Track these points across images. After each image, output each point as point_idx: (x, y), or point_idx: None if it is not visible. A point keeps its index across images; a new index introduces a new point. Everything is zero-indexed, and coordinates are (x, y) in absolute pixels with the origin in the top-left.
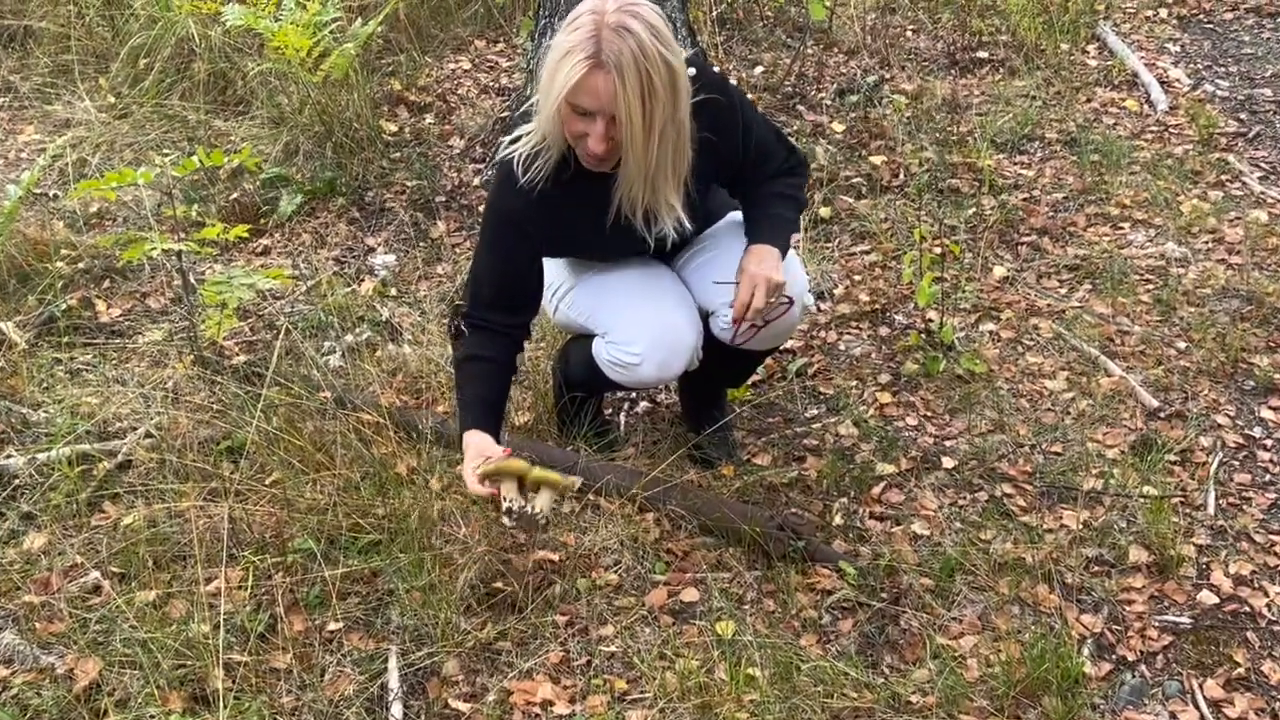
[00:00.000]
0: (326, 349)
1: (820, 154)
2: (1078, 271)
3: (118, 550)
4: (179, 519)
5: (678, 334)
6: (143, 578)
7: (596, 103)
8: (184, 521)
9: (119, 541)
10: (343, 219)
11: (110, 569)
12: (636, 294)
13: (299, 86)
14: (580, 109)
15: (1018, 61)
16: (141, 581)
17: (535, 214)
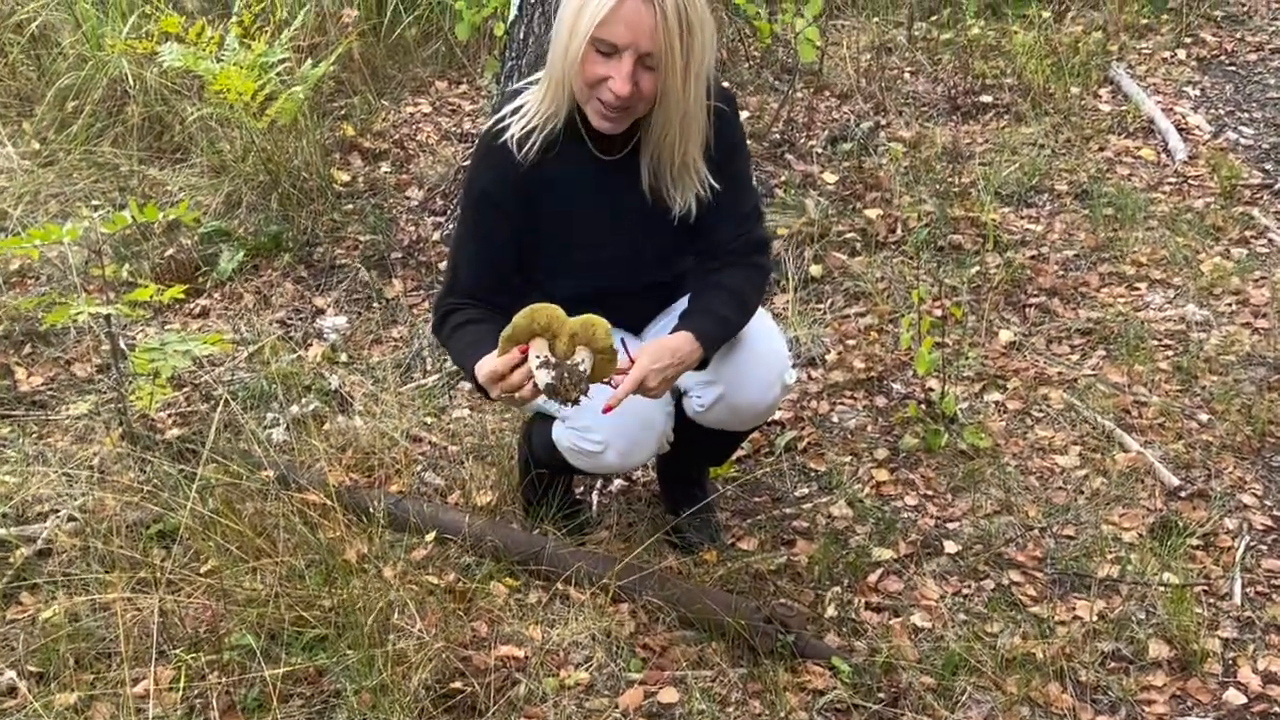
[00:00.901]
0: (269, 422)
1: (810, 207)
2: (1091, 336)
3: (36, 647)
4: (104, 612)
5: (643, 418)
6: (63, 678)
7: (629, 35)
8: (109, 615)
9: (37, 637)
10: (289, 278)
11: (27, 668)
12: None
13: (242, 132)
14: (608, 44)
15: (1024, 107)
16: (62, 682)
17: (521, 186)
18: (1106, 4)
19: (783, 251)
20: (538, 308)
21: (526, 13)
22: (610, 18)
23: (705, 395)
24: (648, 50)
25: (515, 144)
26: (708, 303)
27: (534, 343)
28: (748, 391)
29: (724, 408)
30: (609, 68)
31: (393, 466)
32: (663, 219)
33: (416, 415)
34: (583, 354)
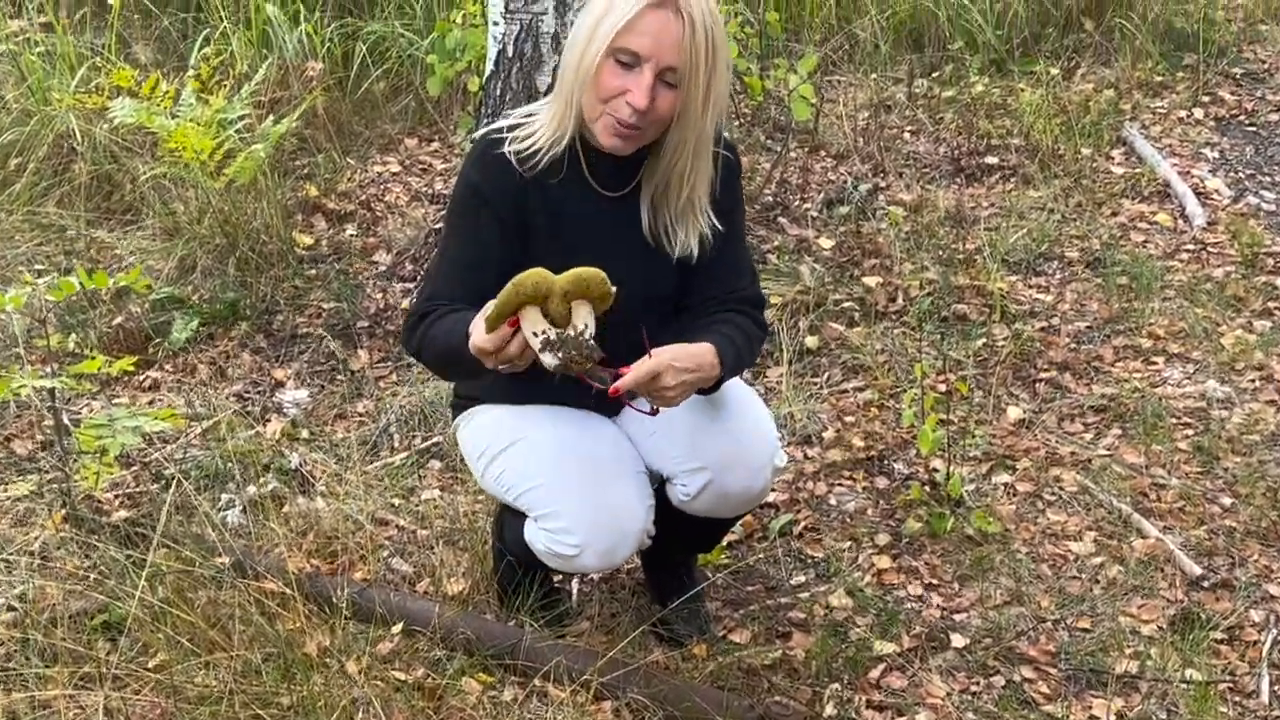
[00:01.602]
0: (224, 503)
1: (806, 274)
2: (1105, 414)
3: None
4: (45, 710)
5: (622, 517)
6: None
7: (653, 46)
8: (50, 713)
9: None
10: (246, 348)
11: None
12: (572, 465)
13: (198, 192)
14: (629, 53)
15: (1032, 168)
16: None
17: (518, 194)
18: (1118, 60)
19: (777, 321)
20: (521, 276)
21: (504, 68)
22: (635, 25)
23: (691, 483)
24: (670, 64)
25: (513, 154)
26: (720, 329)
27: (524, 314)
28: (737, 477)
29: (712, 495)
30: (627, 80)
31: (357, 552)
32: (662, 264)
33: (383, 496)
34: (582, 313)
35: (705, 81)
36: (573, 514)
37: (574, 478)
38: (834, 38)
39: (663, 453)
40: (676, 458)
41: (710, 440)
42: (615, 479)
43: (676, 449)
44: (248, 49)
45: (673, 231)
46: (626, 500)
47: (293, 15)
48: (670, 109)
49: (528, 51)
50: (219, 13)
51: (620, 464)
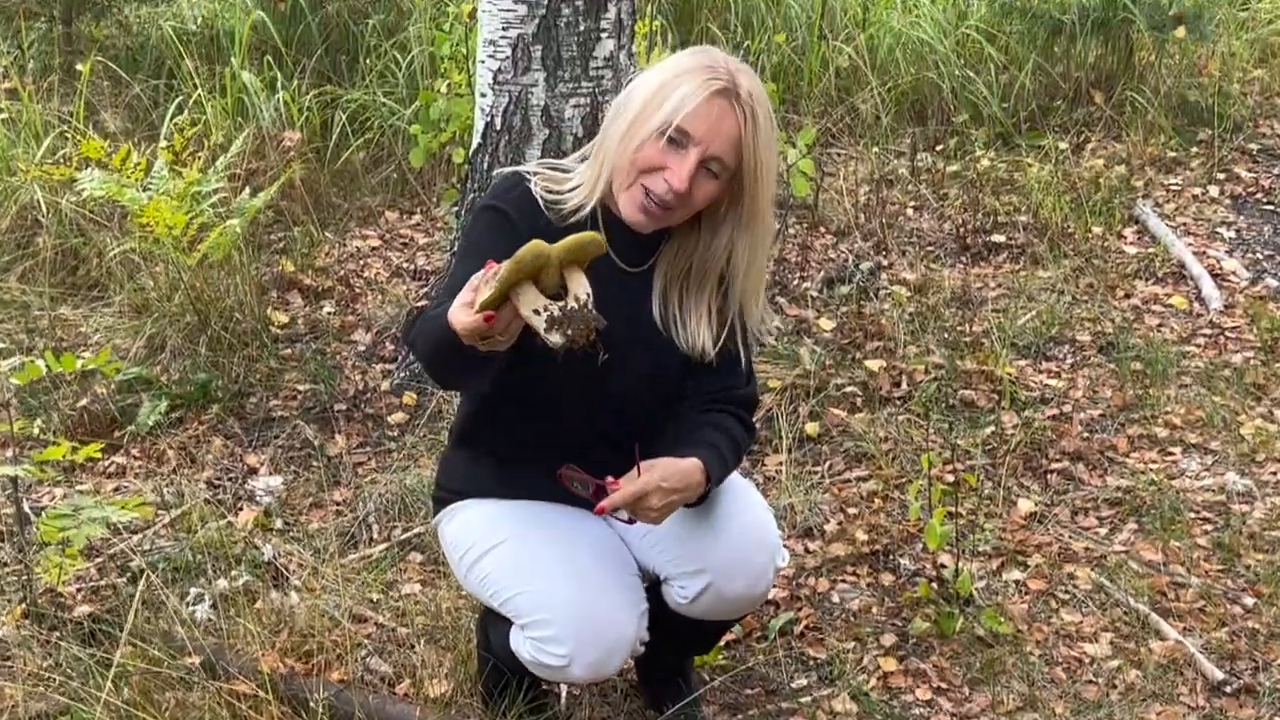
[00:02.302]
0: (193, 598)
1: (806, 357)
2: (1120, 507)
3: None
4: None
5: (613, 627)
6: None
7: (707, 132)
8: None
9: None
10: (218, 432)
11: None
12: (560, 569)
13: (169, 268)
14: (683, 134)
15: (1041, 247)
16: None
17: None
18: (1129, 135)
19: (775, 407)
20: (519, 251)
21: (491, 140)
22: (696, 109)
23: (690, 586)
24: (717, 155)
25: (542, 198)
26: (710, 438)
27: (519, 291)
28: (738, 580)
29: (712, 598)
30: (670, 158)
31: (334, 651)
32: (669, 345)
33: (361, 591)
34: (579, 281)
35: (766, 177)
36: (561, 623)
37: (562, 584)
38: (834, 109)
39: (659, 554)
40: (674, 560)
41: (709, 541)
42: (606, 585)
43: (673, 550)
44: (223, 118)
45: (685, 324)
46: (618, 609)
47: (269, 83)
48: (705, 198)
49: (517, 124)
50: (192, 80)
51: (612, 568)
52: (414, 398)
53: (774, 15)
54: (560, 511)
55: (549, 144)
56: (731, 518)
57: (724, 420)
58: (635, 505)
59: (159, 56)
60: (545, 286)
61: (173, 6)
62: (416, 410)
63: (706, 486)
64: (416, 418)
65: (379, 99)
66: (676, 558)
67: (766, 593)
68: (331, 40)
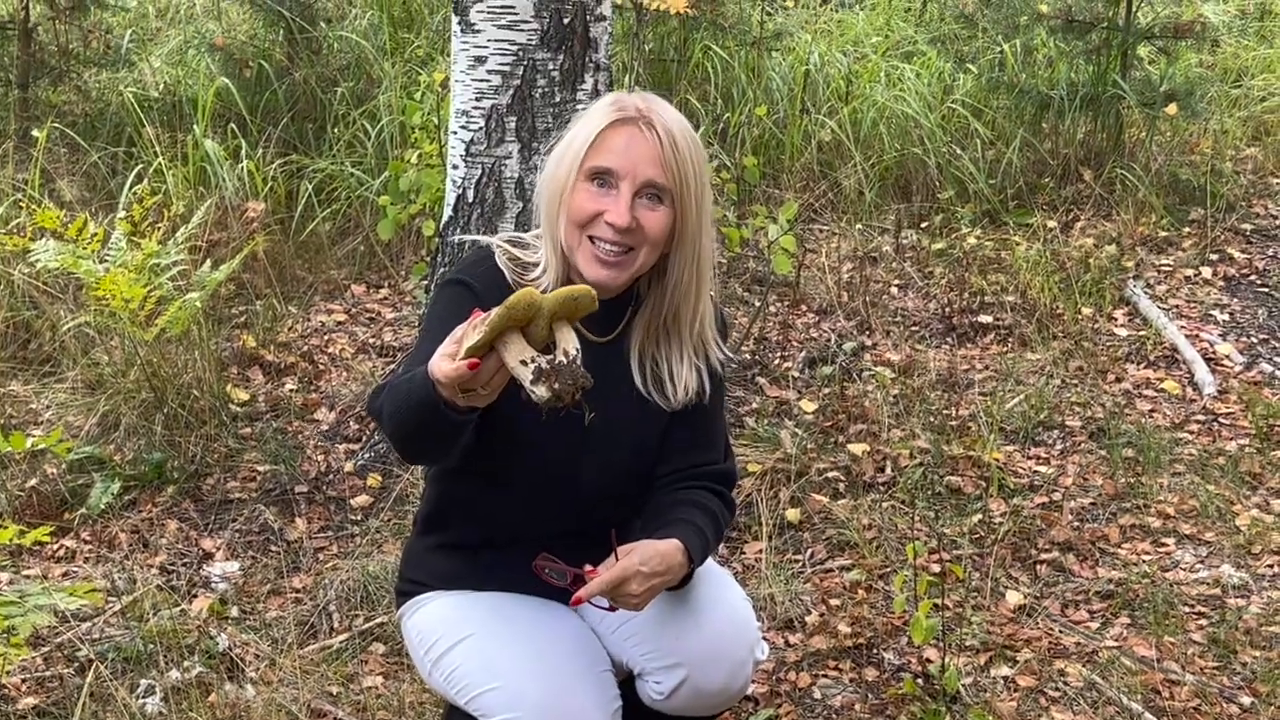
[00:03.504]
0: (144, 690)
1: (786, 440)
2: (1113, 600)
3: None
4: None
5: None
6: None
7: (626, 162)
8: None
9: None
10: (172, 515)
11: None
12: (529, 665)
13: (124, 342)
14: (602, 171)
15: (1029, 329)
16: None
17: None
18: (1120, 213)
19: (755, 492)
20: (512, 298)
21: (463, 214)
22: (603, 143)
23: (665, 680)
24: (649, 179)
25: (509, 267)
26: (689, 515)
27: (506, 341)
28: (716, 673)
29: (688, 693)
30: (604, 201)
31: None
32: (652, 419)
33: (320, 684)
34: (567, 336)
35: (697, 191)
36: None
37: (531, 681)
38: (816, 184)
39: (632, 647)
40: (648, 653)
41: (685, 633)
42: (577, 682)
43: (648, 644)
44: (184, 187)
45: (674, 375)
46: (590, 707)
47: (233, 151)
48: (660, 227)
49: (490, 197)
50: (153, 148)
51: (584, 664)
52: (379, 479)
53: (755, 87)
54: (530, 604)
55: (523, 217)
56: (709, 608)
57: (702, 497)
58: (615, 592)
59: (119, 123)
60: (533, 339)
61: (134, 72)
62: (381, 493)
63: (689, 567)
64: (381, 500)
65: (347, 169)
66: (651, 651)
67: (745, 687)
68: (298, 108)
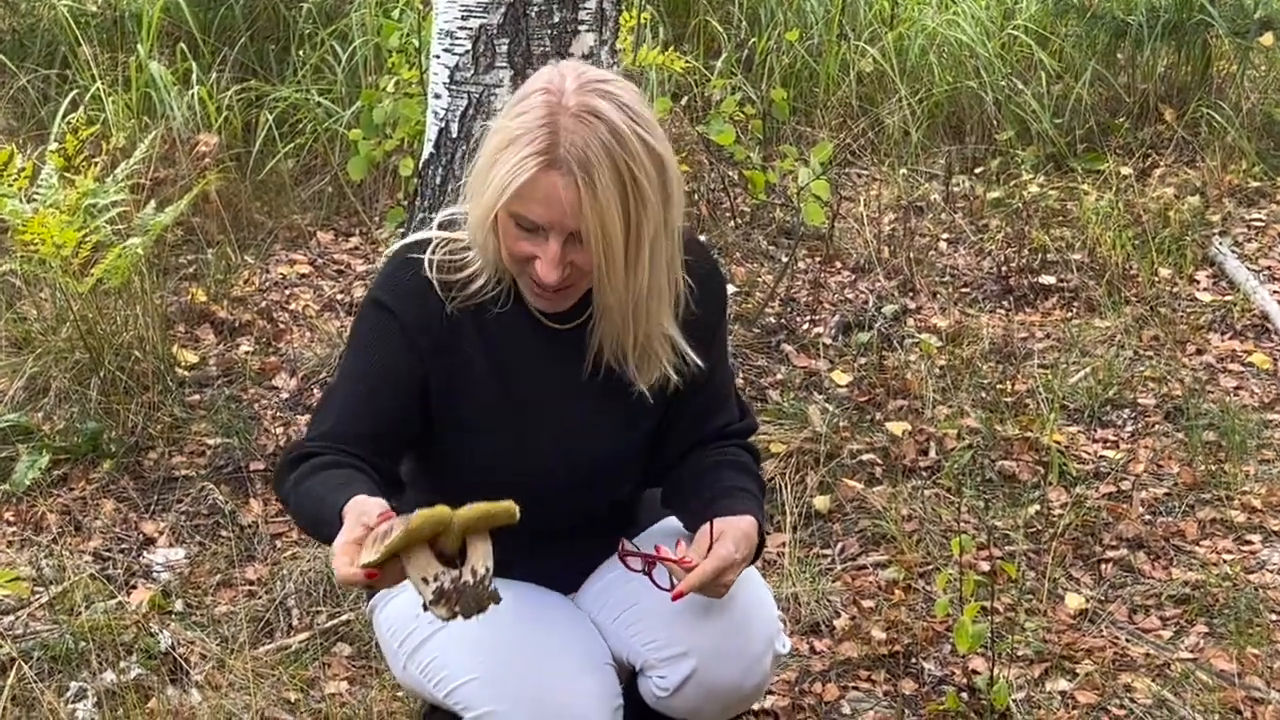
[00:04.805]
0: (74, 693)
1: (815, 417)
2: (1188, 606)
3: None
4: None
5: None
6: None
7: (549, 214)
8: None
9: None
10: (109, 494)
11: None
12: (517, 654)
13: (56, 295)
14: (527, 223)
15: (1098, 292)
16: None
17: (445, 332)
18: (1205, 160)
19: (778, 476)
20: (416, 520)
21: (446, 150)
22: (523, 193)
23: (671, 674)
24: (575, 229)
25: (437, 273)
26: (746, 484)
27: (409, 556)
28: (728, 667)
29: (696, 689)
30: (535, 246)
31: None
32: (627, 408)
33: (276, 689)
34: (480, 552)
35: (624, 243)
36: (516, 710)
37: (518, 669)
38: (854, 122)
39: (635, 638)
40: (653, 643)
41: (695, 620)
42: (571, 673)
43: (652, 633)
44: (126, 117)
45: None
46: (584, 700)
47: (182, 76)
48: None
49: (476, 132)
50: (89, 70)
51: (581, 654)
52: None
53: (786, 9)
54: (521, 589)
55: None
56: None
57: (743, 458)
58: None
59: (51, 42)
60: (442, 549)
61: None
62: None
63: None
64: None
65: (313, 98)
66: (657, 641)
67: (762, 687)
68: (258, 27)
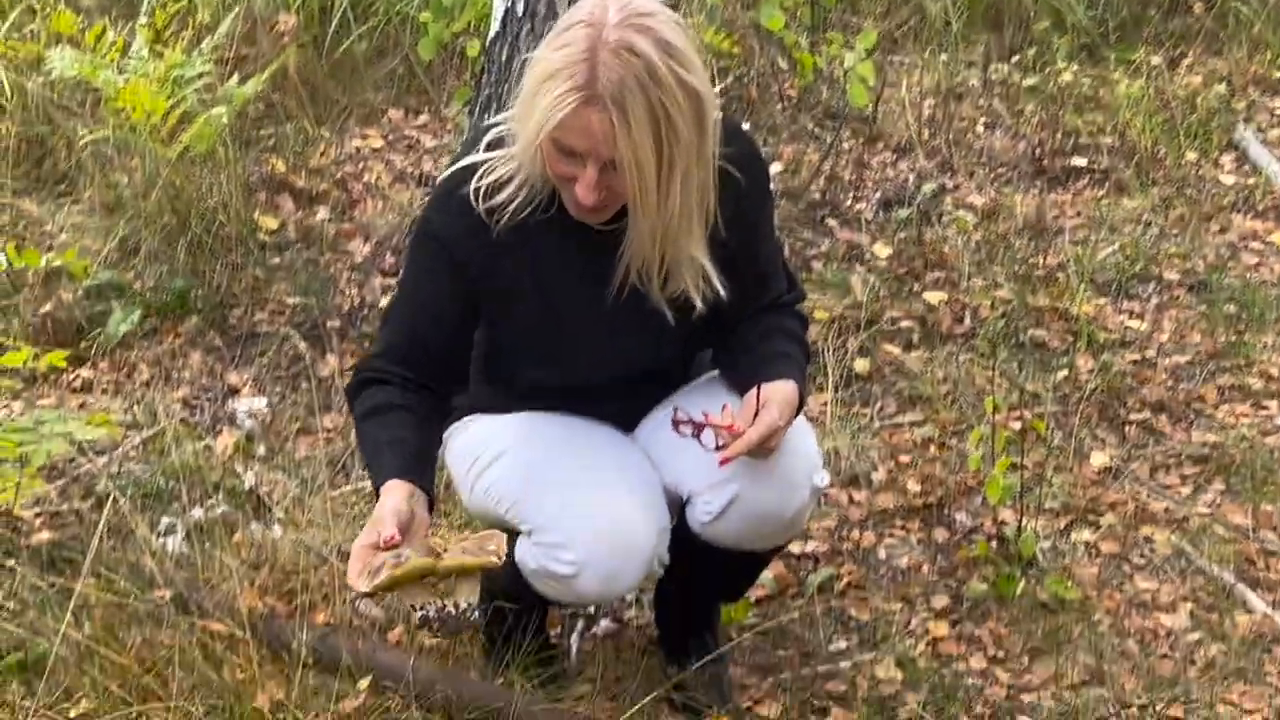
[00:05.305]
0: (165, 528)
1: (857, 286)
2: (1207, 465)
3: None
4: None
5: (630, 534)
6: None
7: (587, 143)
8: None
9: None
10: (197, 346)
11: None
12: (576, 476)
13: (146, 162)
14: (567, 149)
15: (1127, 173)
16: None
17: (490, 256)
18: (1232, 50)
19: (821, 341)
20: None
21: (512, 29)
22: (563, 124)
23: (715, 500)
24: (611, 158)
25: (483, 200)
26: (788, 349)
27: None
28: (769, 493)
29: (739, 515)
30: (574, 169)
31: (319, 591)
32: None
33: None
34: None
35: (659, 169)
36: (571, 526)
37: (576, 486)
38: (897, 10)
39: (685, 469)
40: (699, 472)
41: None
42: (625, 491)
43: (700, 462)
44: None
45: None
46: (636, 515)
47: None
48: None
49: (541, 10)
50: None
51: (634, 477)
52: None
53: None
54: (582, 422)
55: None
56: None
57: (786, 322)
58: (757, 448)
59: None
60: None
61: None
62: None
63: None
64: None
65: None
66: (702, 471)
67: (802, 516)
68: None
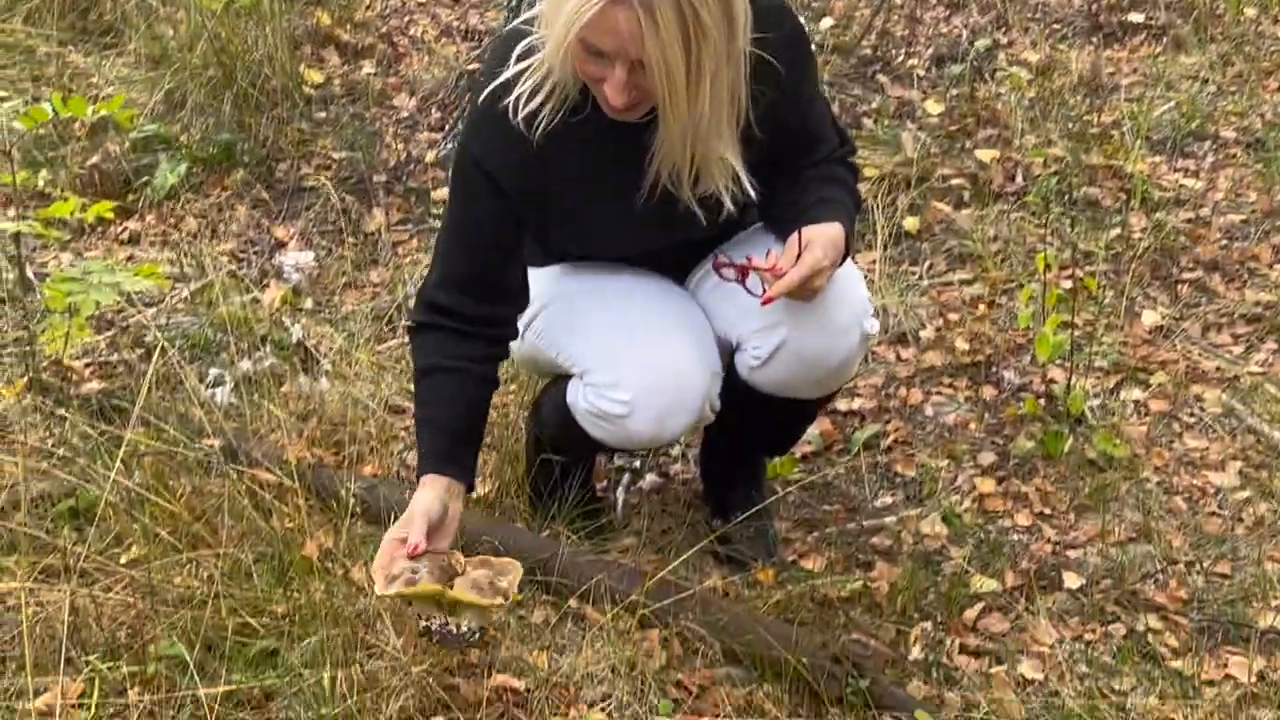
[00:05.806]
0: (214, 379)
1: (908, 143)
2: (1259, 325)
3: None
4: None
5: (683, 375)
6: None
7: (615, 42)
8: (8, 609)
9: None
10: (243, 200)
11: None
12: (628, 318)
13: (191, 15)
14: (595, 49)
15: (1185, 29)
16: None
17: (528, 168)
18: None
19: (871, 198)
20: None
21: None
22: (591, 23)
23: (764, 344)
24: (639, 58)
25: (519, 111)
26: (836, 195)
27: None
28: (818, 337)
29: (788, 359)
30: (602, 69)
31: (366, 443)
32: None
33: (398, 380)
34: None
35: (688, 70)
36: (625, 366)
37: (628, 327)
38: None
39: (733, 316)
40: (748, 318)
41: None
42: (677, 332)
43: (748, 308)
44: None
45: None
46: (688, 358)
47: None
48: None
49: None
50: None
51: (686, 322)
52: None
53: None
54: (632, 270)
55: None
56: None
57: (835, 171)
58: (801, 288)
59: None
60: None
61: None
62: None
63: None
64: None
65: None
66: (749, 312)
67: (849, 364)
68: None
